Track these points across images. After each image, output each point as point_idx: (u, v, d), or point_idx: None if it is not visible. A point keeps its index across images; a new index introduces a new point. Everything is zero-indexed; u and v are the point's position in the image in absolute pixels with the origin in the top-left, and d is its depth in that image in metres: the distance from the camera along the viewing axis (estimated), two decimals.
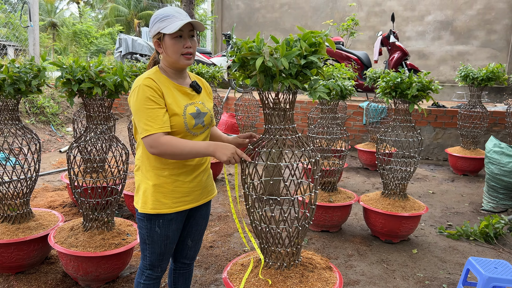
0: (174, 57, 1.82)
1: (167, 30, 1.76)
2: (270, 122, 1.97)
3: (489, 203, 4.66)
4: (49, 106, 7.59)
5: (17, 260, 2.85)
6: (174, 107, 1.82)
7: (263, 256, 2.07)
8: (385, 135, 3.84)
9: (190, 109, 1.88)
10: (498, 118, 6.90)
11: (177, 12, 1.81)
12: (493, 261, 2.61)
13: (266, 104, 1.97)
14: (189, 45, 1.82)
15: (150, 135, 1.75)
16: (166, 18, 1.78)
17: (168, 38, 1.79)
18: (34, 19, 7.33)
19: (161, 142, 1.74)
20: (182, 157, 1.80)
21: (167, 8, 1.84)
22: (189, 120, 1.86)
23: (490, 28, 10.32)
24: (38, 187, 4.89)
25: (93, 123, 2.86)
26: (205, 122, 1.95)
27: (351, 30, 9.53)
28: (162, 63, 1.90)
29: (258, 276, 2.00)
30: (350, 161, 7.02)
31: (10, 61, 2.80)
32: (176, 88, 1.88)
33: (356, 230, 4.06)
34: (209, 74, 5.30)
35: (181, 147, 1.75)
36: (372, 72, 6.41)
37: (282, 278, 1.98)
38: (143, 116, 1.76)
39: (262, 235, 2.05)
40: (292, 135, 1.98)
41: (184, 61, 1.84)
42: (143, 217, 1.93)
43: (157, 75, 1.85)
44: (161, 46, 1.84)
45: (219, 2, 12.75)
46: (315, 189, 2.02)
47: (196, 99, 1.96)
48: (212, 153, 1.78)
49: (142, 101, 1.76)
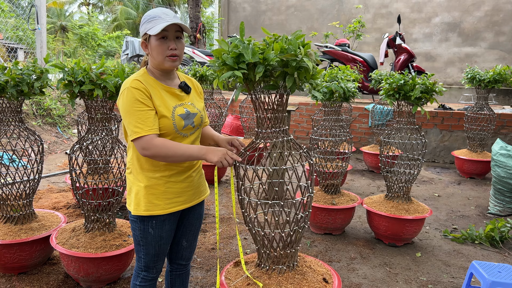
0: (158, 59, 1.82)
1: (152, 31, 1.76)
2: (261, 125, 1.96)
3: (495, 206, 4.60)
4: (56, 108, 7.65)
5: (19, 261, 2.87)
6: (162, 109, 1.82)
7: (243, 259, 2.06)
8: (389, 137, 3.81)
9: (179, 110, 1.88)
10: (506, 120, 6.82)
11: (164, 13, 1.81)
12: (497, 265, 2.57)
13: (257, 106, 1.96)
14: (173, 46, 1.81)
15: (142, 137, 1.75)
16: (153, 19, 1.79)
17: (153, 39, 1.80)
18: (42, 22, 7.41)
19: (154, 144, 1.74)
20: (175, 160, 1.80)
21: (156, 9, 1.84)
22: (178, 121, 1.86)
23: (498, 29, 10.22)
24: (43, 188, 4.93)
25: (94, 124, 2.87)
26: (195, 123, 1.95)
27: (357, 32, 9.49)
28: (150, 64, 1.91)
29: (254, 278, 1.99)
30: (356, 163, 6.97)
31: (14, 63, 2.83)
32: (164, 90, 1.88)
33: (359, 233, 4.02)
34: (213, 77, 5.30)
35: (174, 149, 1.76)
36: (378, 74, 6.38)
37: (278, 281, 1.96)
38: (132, 118, 1.76)
39: (257, 238, 2.04)
40: (284, 137, 1.97)
41: (168, 63, 1.83)
42: (136, 219, 1.94)
43: (144, 76, 1.85)
44: (147, 47, 1.85)
45: (225, 5, 12.78)
46: (310, 192, 2.01)
47: (185, 100, 1.95)
48: (204, 155, 1.79)
49: (130, 103, 1.76)
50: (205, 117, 2.12)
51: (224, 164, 1.79)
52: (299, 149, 2.01)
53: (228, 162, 1.80)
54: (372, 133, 7.32)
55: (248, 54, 1.71)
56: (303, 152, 2.01)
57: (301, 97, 9.24)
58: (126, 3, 25.06)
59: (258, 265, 2.09)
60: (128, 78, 1.85)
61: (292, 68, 1.74)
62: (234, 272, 2.12)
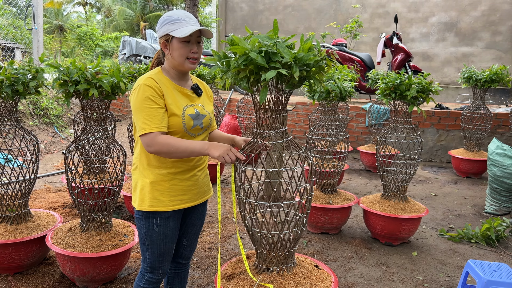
0: (179, 60, 1.87)
1: (177, 33, 1.81)
2: (262, 126, 1.96)
3: (491, 205, 4.61)
4: (53, 108, 7.64)
5: (15, 261, 2.86)
6: (174, 108, 1.86)
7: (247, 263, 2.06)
8: (385, 136, 3.82)
9: (189, 111, 1.92)
10: (502, 120, 6.84)
11: (188, 17, 1.86)
12: (493, 264, 2.57)
13: (259, 107, 1.95)
14: (195, 50, 1.87)
15: (147, 133, 1.79)
16: (177, 21, 1.83)
17: (176, 41, 1.84)
18: (38, 22, 7.39)
19: (158, 141, 1.78)
20: (178, 156, 1.82)
21: (178, 11, 1.89)
22: (187, 121, 1.89)
23: (495, 29, 10.24)
24: (39, 188, 4.91)
25: (90, 124, 2.87)
26: (204, 124, 1.98)
27: (354, 32, 9.50)
28: (166, 64, 1.95)
29: (250, 279, 1.99)
30: (353, 163, 6.98)
31: (9, 62, 2.82)
32: (176, 89, 1.93)
33: (356, 232, 4.03)
34: (210, 76, 5.30)
35: (176, 145, 1.78)
36: (375, 74, 6.39)
37: (275, 281, 1.96)
38: (141, 115, 1.80)
39: (255, 239, 2.04)
40: (284, 137, 1.96)
41: (188, 65, 1.89)
42: (141, 216, 1.95)
43: (159, 75, 1.90)
44: (167, 47, 1.88)
45: (223, 4, 12.77)
46: (309, 194, 2.00)
47: (196, 101, 2.00)
48: (207, 151, 1.81)
49: (142, 100, 1.80)
50: (213, 121, 2.15)
51: (226, 160, 1.79)
52: (299, 149, 2.00)
53: (230, 158, 1.80)
54: (369, 133, 7.33)
55: (287, 54, 1.68)
56: (303, 153, 2.00)
57: (298, 96, 9.24)
58: (123, 3, 25.01)
59: (256, 266, 2.09)
60: (143, 75, 1.89)
61: (317, 68, 1.74)
62: (233, 265, 2.12)
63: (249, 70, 1.75)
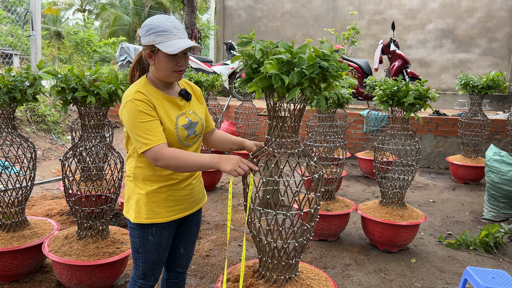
0: (166, 73, 1.80)
1: (165, 48, 1.72)
2: (276, 134, 1.91)
3: (490, 212, 4.61)
4: (50, 115, 7.62)
5: (11, 269, 2.84)
6: (166, 121, 1.81)
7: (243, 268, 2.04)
8: (383, 143, 3.82)
9: (182, 121, 1.87)
10: (500, 126, 6.86)
11: (176, 28, 1.75)
12: (491, 271, 2.57)
13: (274, 114, 1.90)
14: (182, 63, 1.81)
15: (152, 148, 1.72)
16: (164, 33, 1.73)
17: (163, 55, 1.75)
18: (37, 28, 7.40)
19: (164, 154, 1.72)
20: (186, 170, 1.76)
21: (163, 20, 1.76)
22: (181, 132, 1.85)
23: (492, 36, 10.32)
24: (36, 195, 4.89)
25: (88, 131, 2.86)
26: (197, 131, 1.95)
27: (352, 39, 9.54)
28: (152, 74, 1.87)
29: (251, 286, 1.98)
30: (351, 169, 6.98)
31: (6, 69, 2.82)
32: (165, 99, 1.87)
33: (354, 239, 4.02)
34: (208, 83, 5.31)
35: (185, 159, 1.72)
36: (372, 80, 6.41)
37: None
38: (140, 131, 1.73)
39: (261, 247, 2.02)
40: (295, 148, 1.92)
41: (175, 77, 1.83)
42: (136, 226, 1.92)
43: (146, 87, 1.82)
44: (152, 58, 1.80)
45: (221, 11, 12.83)
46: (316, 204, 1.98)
47: (187, 108, 1.94)
48: (217, 164, 1.72)
49: (135, 116, 1.73)
50: (210, 120, 2.10)
51: (239, 173, 1.69)
52: (311, 159, 1.97)
53: (243, 170, 1.70)
54: (367, 139, 7.34)
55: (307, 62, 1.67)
56: (314, 162, 1.97)
57: None
58: (119, 9, 25.08)
59: (259, 274, 2.07)
60: (129, 89, 1.81)
61: (333, 76, 1.75)
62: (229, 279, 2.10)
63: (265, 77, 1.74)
